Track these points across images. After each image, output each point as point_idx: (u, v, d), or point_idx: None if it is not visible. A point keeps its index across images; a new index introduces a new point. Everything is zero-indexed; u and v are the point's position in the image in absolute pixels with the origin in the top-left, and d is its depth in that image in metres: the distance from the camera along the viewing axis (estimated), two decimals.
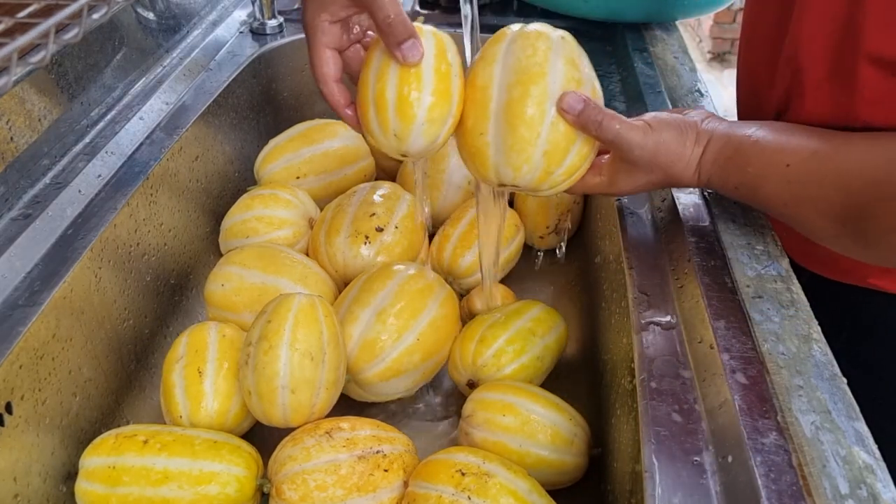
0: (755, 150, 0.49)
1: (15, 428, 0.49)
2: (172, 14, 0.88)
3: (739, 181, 0.50)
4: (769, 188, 0.48)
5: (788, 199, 0.48)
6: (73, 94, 0.69)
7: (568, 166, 0.50)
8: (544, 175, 0.49)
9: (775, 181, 0.48)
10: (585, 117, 0.47)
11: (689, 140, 0.51)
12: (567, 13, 0.95)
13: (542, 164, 0.49)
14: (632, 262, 0.55)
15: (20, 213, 0.59)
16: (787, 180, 0.47)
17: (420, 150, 0.52)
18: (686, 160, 0.51)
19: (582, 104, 0.47)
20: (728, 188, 0.51)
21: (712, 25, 3.25)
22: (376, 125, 0.51)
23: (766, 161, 0.48)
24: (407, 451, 0.56)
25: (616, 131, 0.48)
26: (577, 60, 0.50)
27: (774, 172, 0.48)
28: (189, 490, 0.52)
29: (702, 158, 0.51)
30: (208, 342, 0.61)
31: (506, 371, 0.62)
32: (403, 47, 0.47)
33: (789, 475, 0.37)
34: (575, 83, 0.48)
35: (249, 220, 0.75)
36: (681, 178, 0.52)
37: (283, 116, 0.99)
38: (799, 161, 0.47)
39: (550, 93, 0.48)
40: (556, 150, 0.48)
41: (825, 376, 0.43)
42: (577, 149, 0.49)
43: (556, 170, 0.49)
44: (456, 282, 0.74)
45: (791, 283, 0.50)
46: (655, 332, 0.48)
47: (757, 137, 0.49)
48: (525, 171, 0.49)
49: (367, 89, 0.51)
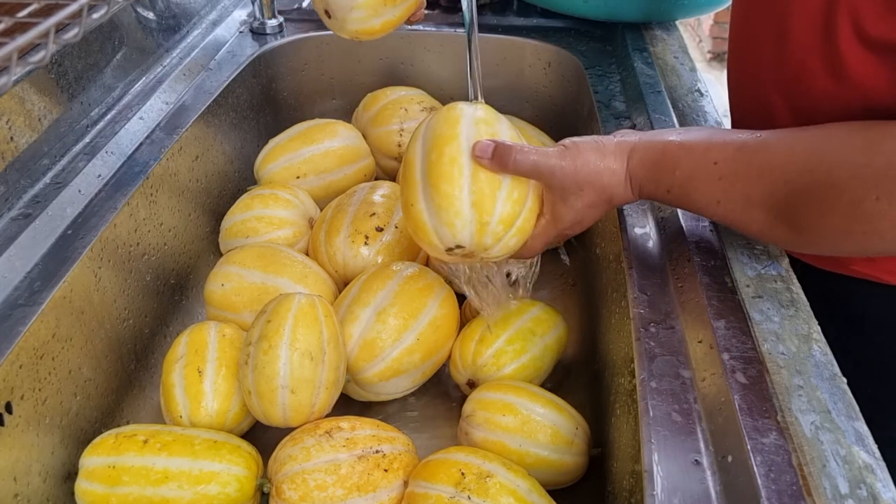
0: (682, 152, 0.49)
1: (15, 427, 0.49)
2: (172, 14, 0.88)
3: (670, 184, 0.50)
4: (700, 188, 0.48)
5: (721, 196, 0.48)
6: (73, 94, 0.69)
7: (502, 214, 0.50)
8: (480, 227, 0.49)
9: (705, 179, 0.48)
10: (498, 156, 0.49)
11: (608, 154, 0.51)
12: (567, 13, 0.95)
13: (473, 216, 0.49)
14: (632, 262, 0.55)
15: (20, 213, 0.59)
16: (718, 177, 0.47)
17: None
18: (611, 172, 0.51)
19: (492, 146, 0.49)
20: (660, 193, 0.51)
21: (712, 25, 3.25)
22: None
23: (694, 160, 0.48)
24: (407, 451, 0.56)
25: (532, 161, 0.50)
26: (491, 120, 0.52)
27: (703, 171, 0.48)
28: (189, 490, 0.52)
29: (628, 168, 0.51)
30: (208, 342, 0.61)
31: (506, 371, 0.62)
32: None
33: (789, 475, 0.37)
34: (488, 136, 0.50)
35: (249, 220, 0.75)
36: (613, 192, 0.52)
37: (283, 116, 0.99)
38: (726, 157, 0.47)
39: (463, 148, 0.50)
40: (483, 197, 0.49)
41: (825, 376, 0.43)
42: (505, 194, 0.50)
43: (491, 220, 0.49)
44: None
45: (791, 282, 0.50)
46: (655, 332, 0.48)
47: (682, 139, 0.50)
48: (459, 226, 0.49)
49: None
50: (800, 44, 0.53)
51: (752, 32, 0.59)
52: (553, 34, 0.94)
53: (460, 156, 0.49)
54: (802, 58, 0.53)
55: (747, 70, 0.62)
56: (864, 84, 0.49)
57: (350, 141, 0.85)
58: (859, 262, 0.60)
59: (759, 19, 0.57)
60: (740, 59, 0.63)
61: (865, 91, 0.49)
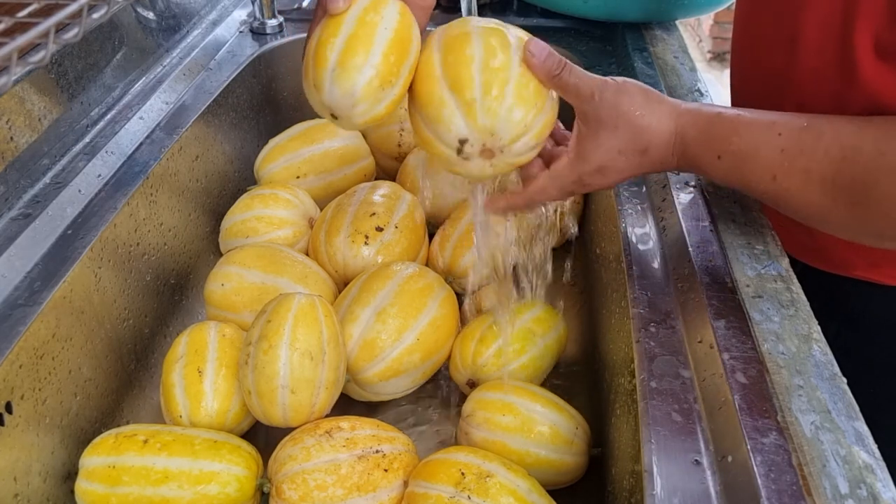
0: (742, 121, 0.47)
1: (15, 427, 0.49)
2: (172, 14, 0.88)
3: (723, 150, 0.47)
4: (759, 158, 0.46)
5: (778, 169, 0.46)
6: (73, 94, 0.69)
7: (514, 101, 0.47)
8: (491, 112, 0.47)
9: (766, 150, 0.46)
10: (549, 63, 0.47)
11: (655, 103, 0.48)
12: (567, 13, 0.95)
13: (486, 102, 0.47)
14: (632, 262, 0.55)
15: (20, 213, 0.59)
16: (780, 148, 0.45)
17: (338, 102, 0.47)
18: (657, 120, 0.48)
19: (548, 50, 0.47)
20: (706, 160, 0.48)
21: (712, 25, 3.25)
22: (304, 79, 0.49)
23: (756, 129, 0.46)
24: (407, 451, 0.56)
25: (576, 78, 0.48)
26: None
27: (765, 142, 0.46)
28: (189, 490, 0.52)
29: (677, 123, 0.48)
30: (208, 342, 0.61)
31: (505, 371, 0.62)
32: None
33: (789, 475, 0.37)
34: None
35: (249, 220, 0.75)
36: (652, 142, 0.48)
37: (283, 116, 0.99)
38: (792, 131, 0.45)
39: (513, 45, 0.48)
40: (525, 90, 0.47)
41: (825, 376, 0.43)
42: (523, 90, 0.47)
43: (501, 106, 0.47)
44: (456, 282, 0.74)
45: (791, 282, 0.50)
46: (655, 332, 0.48)
47: (738, 112, 0.48)
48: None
49: (308, 45, 0.49)
50: (812, 49, 0.52)
51: (759, 35, 0.59)
52: (553, 34, 0.94)
53: (509, 49, 0.47)
54: (814, 62, 0.52)
55: (752, 72, 0.61)
56: (877, 90, 0.49)
57: (350, 141, 0.85)
58: (862, 266, 0.60)
59: (767, 23, 0.57)
60: (745, 61, 0.63)
61: (877, 97, 0.49)
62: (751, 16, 0.60)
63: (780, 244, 0.54)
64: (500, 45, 0.48)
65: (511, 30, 0.50)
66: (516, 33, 0.49)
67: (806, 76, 0.54)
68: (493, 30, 0.49)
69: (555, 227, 0.65)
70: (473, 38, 0.48)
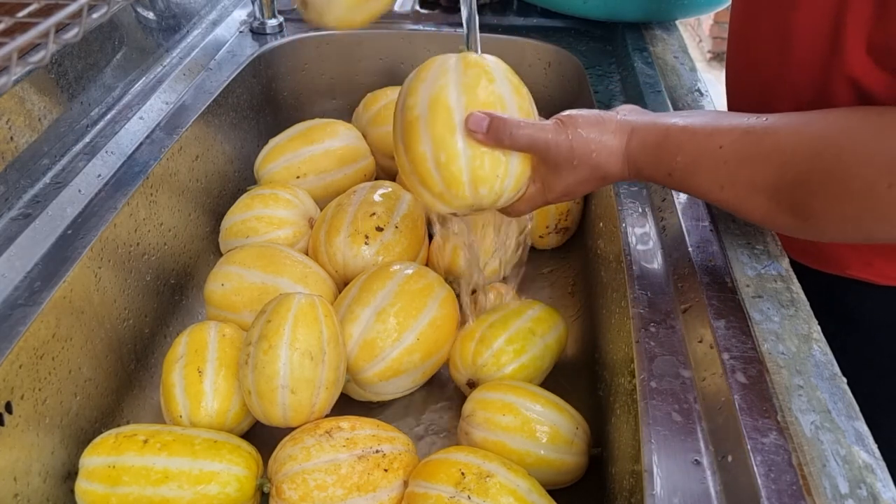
0: (685, 135, 0.48)
1: (15, 427, 0.49)
2: (172, 14, 0.88)
3: (671, 168, 0.48)
4: (703, 172, 0.47)
5: (724, 180, 0.46)
6: (73, 94, 0.69)
7: (502, 186, 0.51)
8: (477, 195, 0.51)
9: (709, 164, 0.47)
10: (494, 130, 0.49)
11: (608, 131, 0.50)
12: (567, 13, 0.95)
13: (473, 188, 0.51)
14: (632, 262, 0.55)
15: (20, 213, 0.59)
16: (723, 160, 0.46)
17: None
18: (608, 150, 0.50)
19: (486, 120, 0.49)
20: (660, 176, 0.50)
21: (712, 25, 3.25)
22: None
23: (697, 144, 0.47)
24: (407, 451, 0.56)
25: (528, 136, 0.49)
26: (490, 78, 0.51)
27: (708, 155, 0.47)
28: (189, 489, 0.52)
29: (627, 147, 0.50)
30: (208, 342, 0.61)
31: (506, 371, 0.62)
32: None
33: (789, 475, 0.37)
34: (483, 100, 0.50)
35: (249, 220, 0.75)
36: (608, 169, 0.51)
37: (283, 116, 0.99)
38: (732, 141, 0.46)
39: (456, 121, 0.50)
40: (481, 170, 0.50)
41: (825, 376, 0.43)
42: (502, 168, 0.51)
43: (491, 188, 0.51)
44: (456, 282, 0.74)
45: (791, 282, 0.50)
46: (655, 332, 0.48)
47: (685, 123, 0.48)
48: (462, 195, 0.51)
49: None
50: (804, 46, 0.53)
51: (753, 33, 0.59)
52: (553, 34, 0.95)
53: (455, 131, 0.50)
54: (806, 57, 0.53)
55: (747, 70, 0.62)
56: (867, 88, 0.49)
57: (350, 141, 0.85)
58: (856, 265, 0.60)
59: (760, 20, 0.57)
60: (740, 59, 0.63)
61: (868, 94, 0.49)
62: (745, 14, 0.60)
63: (780, 244, 0.54)
64: (447, 131, 0.50)
65: (457, 97, 0.50)
66: (462, 102, 0.50)
67: (797, 71, 0.54)
68: (438, 110, 0.50)
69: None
70: (422, 131, 0.51)
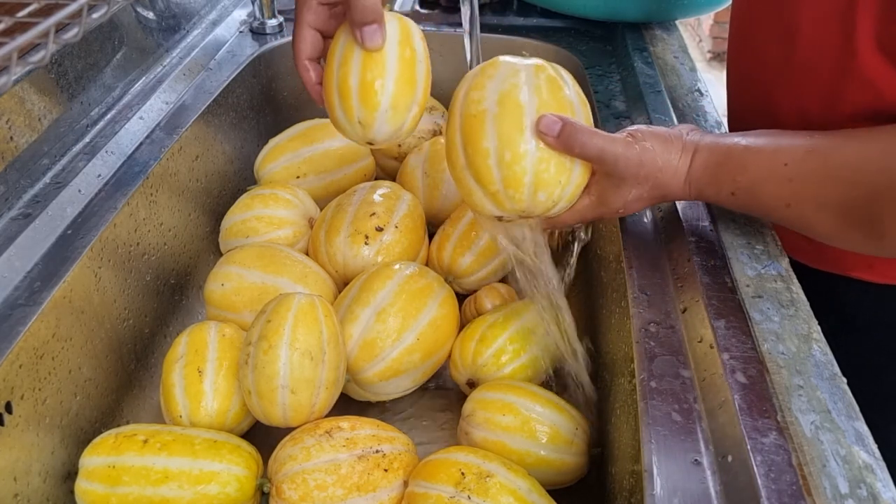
0: (749, 154, 0.48)
1: (15, 427, 0.49)
2: (172, 14, 0.88)
3: (735, 187, 0.49)
4: (769, 190, 0.47)
5: (790, 198, 0.47)
6: (73, 94, 0.69)
7: (562, 194, 0.50)
8: (534, 198, 0.50)
9: (774, 182, 0.47)
10: (565, 136, 0.47)
11: (675, 150, 0.50)
12: (567, 13, 0.95)
13: (532, 187, 0.49)
14: (632, 262, 0.55)
15: (20, 213, 0.59)
16: (788, 178, 0.46)
17: (385, 138, 0.52)
18: (673, 170, 0.50)
19: (559, 124, 0.47)
20: (722, 197, 0.50)
21: (712, 25, 3.25)
22: (340, 112, 0.51)
23: (762, 163, 0.47)
24: (407, 451, 0.56)
25: (598, 147, 0.48)
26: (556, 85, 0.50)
27: (773, 173, 0.47)
28: (189, 489, 0.52)
29: (690, 168, 0.50)
30: (208, 342, 0.61)
31: (506, 370, 0.62)
32: (365, 30, 0.47)
33: (789, 475, 0.37)
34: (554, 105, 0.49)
35: (249, 220, 0.75)
36: (669, 188, 0.51)
37: (283, 116, 0.99)
38: (797, 159, 0.46)
39: (527, 124, 0.48)
40: (543, 173, 0.48)
41: (825, 376, 0.43)
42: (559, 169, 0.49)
43: (545, 196, 0.49)
44: (456, 282, 0.74)
45: (791, 282, 0.50)
46: (655, 332, 0.48)
47: (748, 143, 0.49)
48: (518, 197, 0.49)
49: (331, 75, 0.50)
50: (811, 43, 0.52)
51: (756, 30, 0.59)
52: (553, 34, 0.94)
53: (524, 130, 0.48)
54: (812, 56, 0.52)
55: (749, 68, 0.61)
56: (877, 85, 0.48)
57: (350, 141, 0.84)
58: (859, 266, 0.60)
59: (763, 17, 0.57)
60: (742, 56, 0.63)
61: (877, 92, 0.49)
62: (748, 11, 0.60)
63: (780, 244, 0.54)
64: (515, 130, 0.48)
65: (529, 97, 0.48)
66: (534, 104, 0.48)
67: (803, 71, 0.54)
68: (508, 107, 0.48)
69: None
70: (488, 126, 0.48)
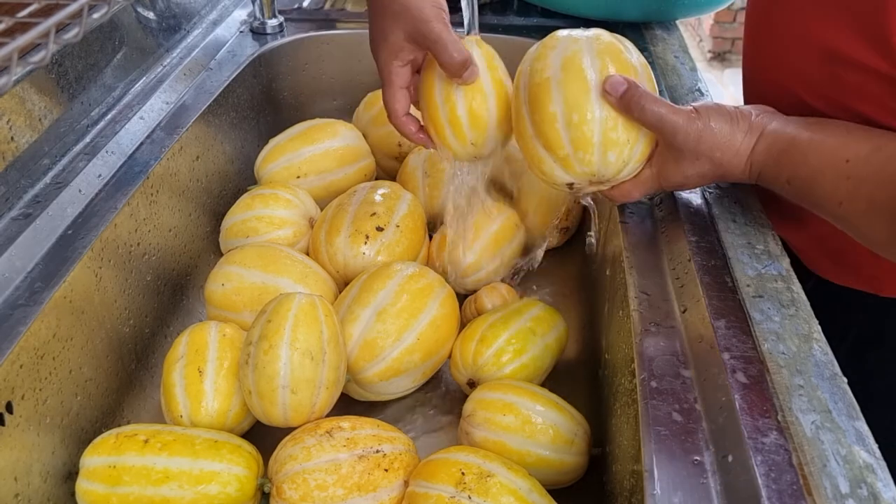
0: (812, 145, 0.47)
1: (15, 427, 0.49)
2: (172, 14, 0.88)
3: (792, 175, 0.48)
4: (825, 185, 0.46)
5: (844, 196, 0.46)
6: (73, 94, 0.69)
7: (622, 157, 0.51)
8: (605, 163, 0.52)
9: (832, 177, 0.46)
10: (628, 98, 0.48)
11: (741, 130, 0.49)
12: (567, 13, 0.95)
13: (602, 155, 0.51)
14: (632, 262, 0.55)
15: (21, 213, 0.59)
16: (846, 176, 0.45)
17: (491, 150, 0.59)
18: (735, 149, 0.49)
19: (625, 85, 0.48)
20: (779, 183, 0.50)
21: (712, 25, 3.25)
22: (454, 140, 0.58)
23: (823, 156, 0.46)
24: (407, 451, 0.56)
25: (659, 114, 0.48)
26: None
27: (832, 168, 0.46)
28: (189, 489, 0.52)
29: (754, 150, 0.49)
30: (208, 341, 0.61)
31: (506, 370, 0.62)
32: (465, 76, 0.54)
33: (789, 474, 0.37)
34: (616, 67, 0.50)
35: (250, 220, 0.75)
36: (729, 168, 0.50)
37: (283, 116, 0.99)
38: (859, 157, 0.45)
39: (592, 82, 0.50)
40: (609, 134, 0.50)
41: (825, 376, 0.43)
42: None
43: (612, 164, 0.51)
44: (456, 281, 0.74)
45: (791, 282, 0.50)
46: (655, 332, 0.48)
47: (813, 132, 0.48)
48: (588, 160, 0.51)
49: (436, 111, 0.57)
50: (833, 27, 0.51)
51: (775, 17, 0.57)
52: None
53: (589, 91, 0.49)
54: (835, 41, 0.51)
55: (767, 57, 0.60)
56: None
57: (350, 141, 0.85)
58: (891, 285, 0.59)
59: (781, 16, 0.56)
60: (759, 46, 0.61)
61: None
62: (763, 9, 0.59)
63: (781, 244, 0.54)
64: (581, 92, 0.50)
65: (591, 61, 0.50)
66: (597, 66, 0.50)
67: (824, 54, 0.52)
68: (572, 71, 0.50)
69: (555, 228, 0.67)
70: (553, 91, 0.51)
